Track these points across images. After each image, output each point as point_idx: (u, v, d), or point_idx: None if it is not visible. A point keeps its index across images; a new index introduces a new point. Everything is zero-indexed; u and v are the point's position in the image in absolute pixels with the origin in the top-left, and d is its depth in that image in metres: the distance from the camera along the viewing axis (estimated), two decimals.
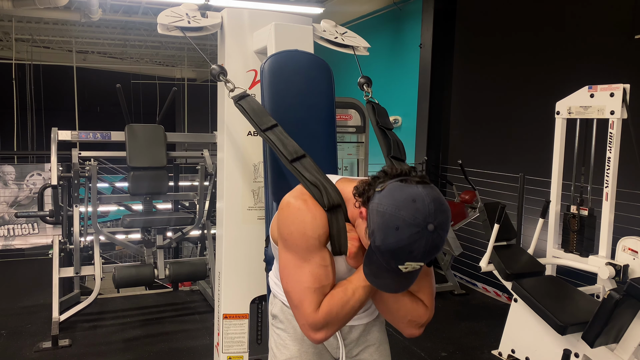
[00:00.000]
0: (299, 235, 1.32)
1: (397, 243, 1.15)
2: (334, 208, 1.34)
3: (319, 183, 1.39)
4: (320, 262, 1.32)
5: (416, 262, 1.18)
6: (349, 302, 1.32)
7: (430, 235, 1.14)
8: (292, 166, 1.52)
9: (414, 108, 5.95)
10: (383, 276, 1.24)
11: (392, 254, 1.17)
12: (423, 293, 1.40)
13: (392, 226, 1.15)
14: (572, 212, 3.33)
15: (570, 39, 4.34)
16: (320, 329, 1.31)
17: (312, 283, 1.31)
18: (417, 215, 1.14)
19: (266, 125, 1.66)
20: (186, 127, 13.09)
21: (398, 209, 1.15)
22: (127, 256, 8.21)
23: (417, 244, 1.14)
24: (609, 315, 2.53)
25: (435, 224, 1.14)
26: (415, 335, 1.41)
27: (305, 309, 1.31)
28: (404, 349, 3.60)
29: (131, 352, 3.48)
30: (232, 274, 2.34)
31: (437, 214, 1.15)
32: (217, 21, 2.23)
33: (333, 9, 6.73)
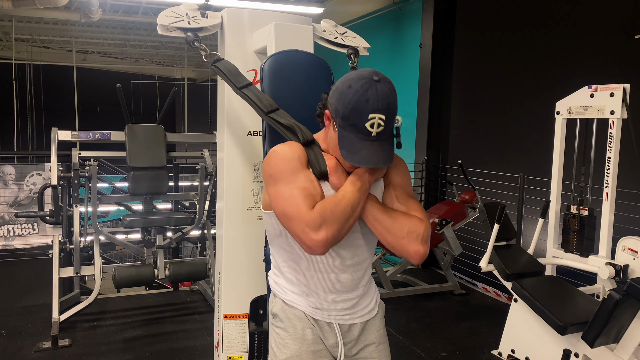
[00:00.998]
0: (281, 161, 1.43)
1: (353, 97, 1.34)
2: (309, 143, 1.50)
3: (293, 125, 1.56)
4: (306, 178, 1.42)
5: (376, 112, 1.33)
6: (341, 201, 1.37)
7: (378, 84, 1.35)
8: (268, 117, 1.66)
9: (414, 108, 5.95)
10: (358, 149, 1.36)
11: (353, 111, 1.34)
12: (413, 210, 1.47)
13: (345, 87, 1.36)
14: (572, 212, 3.33)
15: (570, 39, 4.34)
16: (318, 227, 1.33)
17: (303, 192, 1.39)
18: (362, 72, 1.38)
19: (242, 84, 1.80)
20: (186, 127, 13.09)
21: (346, 77, 1.40)
22: (127, 256, 8.22)
23: (369, 92, 1.33)
24: (609, 315, 2.53)
25: (379, 77, 1.37)
26: (421, 251, 1.42)
27: (300, 211, 1.35)
28: (404, 349, 3.60)
29: (131, 352, 3.49)
30: (232, 274, 2.34)
31: (378, 73, 1.39)
32: (217, 21, 2.23)
33: (333, 9, 6.73)
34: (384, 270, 4.59)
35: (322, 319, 1.55)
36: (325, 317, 1.55)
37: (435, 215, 4.53)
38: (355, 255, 1.52)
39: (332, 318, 1.55)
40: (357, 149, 1.36)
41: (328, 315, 1.55)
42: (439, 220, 4.43)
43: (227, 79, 1.85)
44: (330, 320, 1.55)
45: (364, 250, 1.54)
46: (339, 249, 1.48)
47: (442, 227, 4.42)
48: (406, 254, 1.44)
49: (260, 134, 2.26)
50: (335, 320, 1.55)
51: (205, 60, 1.98)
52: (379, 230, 1.44)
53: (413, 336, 3.80)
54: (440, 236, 4.51)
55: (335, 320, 1.55)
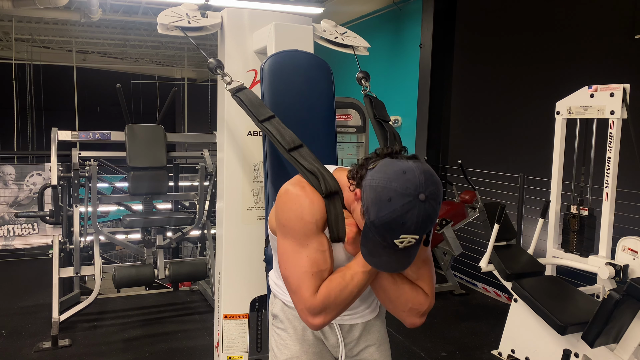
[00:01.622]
0: (297, 220, 1.33)
1: (390, 215, 1.17)
2: (331, 195, 1.36)
3: (316, 171, 1.41)
4: (318, 247, 1.33)
5: (410, 234, 1.19)
6: (348, 286, 1.32)
7: (422, 205, 1.16)
8: (289, 155, 1.53)
9: (414, 108, 5.94)
10: (380, 254, 1.25)
11: (386, 227, 1.19)
12: (423, 281, 1.41)
13: (385, 198, 1.18)
14: (572, 212, 3.33)
15: (571, 39, 4.34)
16: (318, 313, 1.31)
17: (310, 267, 1.32)
18: (409, 186, 1.17)
19: (264, 117, 1.68)
20: (186, 127, 13.09)
21: (389, 181, 1.19)
22: (127, 256, 8.21)
23: (409, 214, 1.16)
24: (609, 315, 2.53)
25: (426, 194, 1.17)
26: (416, 324, 1.42)
27: (303, 292, 1.32)
28: (404, 349, 3.60)
29: (131, 352, 3.48)
30: (232, 274, 2.34)
31: (428, 184, 1.18)
32: (217, 21, 2.23)
33: (333, 9, 6.73)
34: None
35: None
36: None
37: None
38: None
39: None
40: (378, 253, 1.25)
41: None
42: (439, 220, 4.43)
43: (248, 110, 1.73)
44: None
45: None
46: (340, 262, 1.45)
47: (442, 227, 4.42)
48: (402, 321, 1.43)
49: (260, 134, 2.26)
50: (335, 321, 1.54)
51: (226, 90, 1.88)
52: (381, 297, 1.42)
53: (413, 336, 3.80)
54: (440, 236, 4.51)
55: (336, 321, 1.54)
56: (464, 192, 4.78)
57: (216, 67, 1.94)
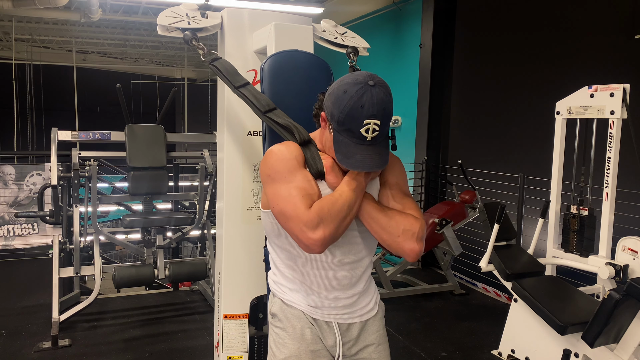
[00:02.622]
0: (278, 161, 1.44)
1: (348, 102, 1.34)
2: (305, 143, 1.51)
3: (290, 124, 1.57)
4: (303, 178, 1.43)
5: (371, 118, 1.33)
6: (337, 200, 1.39)
7: (373, 89, 1.34)
8: (265, 116, 1.66)
9: (414, 108, 5.94)
10: (353, 153, 1.37)
11: (349, 117, 1.34)
12: (409, 209, 1.49)
13: (341, 92, 1.36)
14: (572, 212, 3.33)
15: (570, 39, 4.34)
16: (316, 225, 1.35)
17: (300, 192, 1.40)
18: (357, 77, 1.37)
19: (239, 83, 1.81)
20: (186, 127, 13.09)
21: (342, 81, 1.39)
22: (127, 256, 8.22)
23: (364, 97, 1.33)
24: (609, 315, 2.53)
25: (375, 81, 1.35)
26: (415, 249, 1.44)
27: (297, 210, 1.37)
28: (403, 349, 3.60)
29: (131, 352, 3.49)
30: (232, 274, 2.34)
31: (374, 76, 1.38)
32: (217, 21, 2.23)
33: (333, 9, 6.73)
34: (384, 270, 4.59)
35: (321, 318, 1.55)
36: (324, 316, 1.55)
37: (435, 215, 4.53)
38: (352, 253, 1.52)
39: (331, 317, 1.55)
40: (352, 153, 1.37)
41: (327, 314, 1.55)
42: (439, 220, 4.43)
43: (224, 78, 1.86)
44: (329, 319, 1.55)
45: (361, 248, 1.54)
46: (336, 247, 1.49)
47: (442, 227, 4.42)
48: (402, 252, 1.45)
49: (260, 134, 2.26)
50: (334, 319, 1.55)
51: (202, 59, 1.99)
52: (374, 228, 1.46)
53: (413, 336, 3.80)
54: (440, 236, 4.51)
55: (334, 319, 1.55)
56: (464, 192, 4.78)
57: (191, 39, 2.08)
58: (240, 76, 1.85)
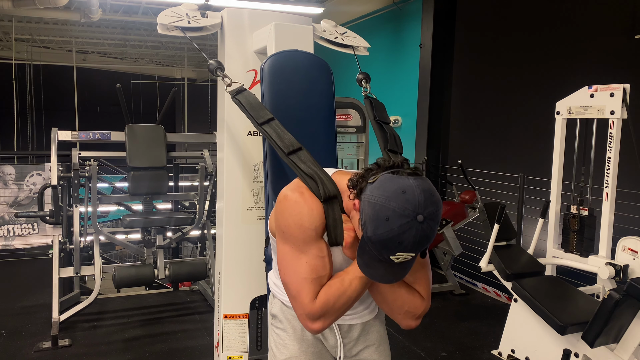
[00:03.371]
0: (296, 227, 1.34)
1: (387, 234, 1.17)
2: (330, 199, 1.36)
3: (315, 175, 1.41)
4: (317, 253, 1.34)
5: (407, 252, 1.19)
6: (346, 292, 1.33)
7: (420, 225, 1.16)
8: (288, 159, 1.53)
9: (414, 108, 5.94)
10: (376, 266, 1.26)
11: (382, 244, 1.19)
12: (419, 284, 1.42)
13: (383, 217, 1.17)
14: (572, 212, 3.33)
15: (571, 39, 4.34)
16: (317, 318, 1.33)
17: (310, 274, 1.33)
18: (407, 206, 1.16)
19: (263, 119, 1.68)
20: (186, 127, 13.08)
21: (388, 200, 1.17)
22: (127, 256, 8.21)
23: (406, 234, 1.16)
24: (609, 315, 2.53)
25: (424, 215, 1.16)
26: (412, 326, 1.43)
27: (302, 298, 1.33)
28: (403, 349, 3.60)
29: (131, 352, 3.48)
30: (232, 274, 2.34)
31: (427, 204, 1.17)
32: (217, 21, 2.23)
33: (333, 9, 6.73)
34: None
35: None
36: None
37: None
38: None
39: None
40: (375, 266, 1.26)
41: None
42: None
43: (247, 113, 1.73)
44: None
45: None
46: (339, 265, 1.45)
47: (442, 227, 4.42)
48: (397, 323, 1.44)
49: (260, 134, 2.26)
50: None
51: (226, 92, 1.89)
52: (378, 299, 1.44)
53: (413, 336, 3.80)
54: (440, 236, 4.51)
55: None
56: (464, 192, 4.78)
57: (216, 69, 1.94)
58: (265, 111, 1.71)
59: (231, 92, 1.84)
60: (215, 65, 1.95)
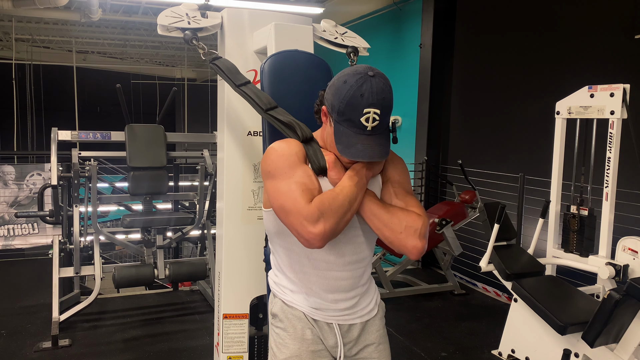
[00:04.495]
0: (279, 157, 1.45)
1: (348, 91, 1.36)
2: (308, 140, 1.50)
3: (292, 122, 1.56)
4: (303, 173, 1.42)
5: (370, 106, 1.35)
6: (338, 195, 1.38)
7: (373, 79, 1.37)
8: (267, 114, 1.65)
9: (414, 108, 5.94)
10: (353, 143, 1.38)
11: (348, 106, 1.36)
12: (411, 206, 1.48)
13: (341, 82, 1.38)
14: (572, 212, 3.33)
15: (571, 39, 4.34)
16: (316, 219, 1.34)
17: (301, 187, 1.39)
18: (357, 68, 1.40)
19: (241, 81, 1.81)
20: (186, 127, 13.09)
21: (342, 73, 1.41)
22: (127, 256, 8.22)
23: (364, 86, 1.35)
24: (609, 315, 2.53)
25: (374, 72, 1.39)
26: (418, 246, 1.42)
27: (298, 205, 1.36)
28: (403, 349, 3.60)
29: (131, 352, 3.49)
30: (232, 274, 2.34)
31: (373, 68, 1.41)
32: (217, 21, 2.23)
33: (333, 9, 6.73)
34: (384, 270, 4.59)
35: (321, 319, 1.55)
36: (325, 318, 1.55)
37: (435, 215, 4.53)
38: (356, 253, 1.52)
39: (331, 318, 1.55)
40: (352, 143, 1.38)
41: (328, 315, 1.55)
42: (439, 220, 4.43)
43: (225, 76, 1.86)
44: (329, 320, 1.55)
45: (364, 247, 1.54)
46: (339, 246, 1.48)
47: (442, 227, 4.42)
48: (404, 249, 1.44)
49: (260, 134, 2.26)
50: (334, 321, 1.55)
51: (203, 58, 1.99)
52: (377, 225, 1.45)
53: (413, 336, 3.80)
54: (440, 236, 4.51)
55: (335, 321, 1.55)
56: (464, 192, 4.78)
57: (191, 39, 2.08)
58: (241, 75, 1.85)
59: (208, 58, 1.96)
60: (190, 35, 2.08)
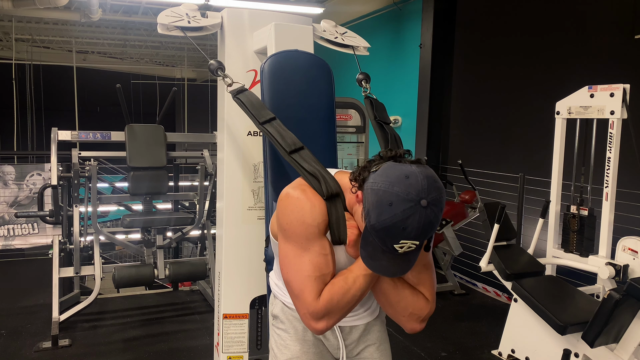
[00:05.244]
0: (298, 223, 1.32)
1: (390, 219, 1.16)
2: (332, 197, 1.35)
3: (317, 173, 1.40)
4: (320, 250, 1.32)
5: (410, 240, 1.18)
6: (350, 289, 1.31)
7: (424, 211, 1.15)
8: (290, 157, 1.53)
9: (414, 108, 5.94)
10: (379, 258, 1.24)
11: (386, 231, 1.18)
12: (423, 286, 1.40)
13: (386, 202, 1.16)
14: (572, 212, 3.33)
15: (570, 39, 4.34)
16: (321, 317, 1.31)
17: (313, 271, 1.31)
18: (410, 191, 1.15)
19: (265, 119, 1.67)
20: (186, 127, 13.09)
21: (391, 185, 1.17)
22: (127, 256, 8.21)
23: (410, 219, 1.15)
24: (609, 315, 2.53)
25: (428, 200, 1.15)
26: (416, 329, 1.41)
27: (306, 297, 1.31)
28: (404, 349, 3.60)
29: (131, 352, 3.49)
30: (232, 274, 2.34)
31: (431, 190, 1.17)
32: (217, 21, 2.23)
33: (333, 9, 6.73)
34: None
35: None
36: None
37: None
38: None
39: None
40: (378, 257, 1.25)
41: None
42: None
43: (249, 112, 1.73)
44: None
45: None
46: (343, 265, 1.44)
47: (442, 227, 4.42)
48: (402, 326, 1.42)
49: (260, 134, 2.26)
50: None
51: (227, 92, 1.90)
52: (382, 302, 1.41)
53: (413, 336, 3.80)
54: (440, 236, 4.51)
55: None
56: (464, 192, 4.78)
57: (217, 69, 1.94)
58: (266, 111, 1.71)
59: (232, 91, 1.84)
60: (216, 65, 1.94)
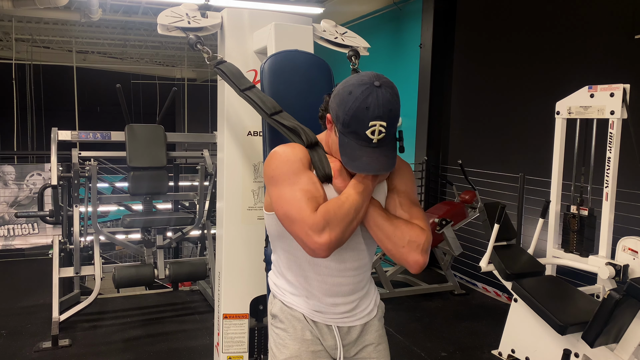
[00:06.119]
0: (282, 163, 1.42)
1: (353, 104, 1.31)
2: (312, 145, 1.47)
3: (297, 127, 1.53)
4: (308, 180, 1.40)
5: (377, 119, 1.30)
6: (344, 204, 1.36)
7: (379, 89, 1.31)
8: (271, 119, 1.63)
9: (414, 108, 5.95)
10: (359, 156, 1.35)
11: (354, 119, 1.31)
12: (416, 219, 1.45)
13: (346, 93, 1.33)
14: (572, 212, 3.33)
15: (571, 39, 4.34)
16: (322, 229, 1.32)
17: (306, 194, 1.37)
18: (363, 77, 1.34)
19: (245, 86, 1.79)
20: (186, 127, 13.09)
21: (347, 82, 1.36)
22: (127, 256, 8.22)
23: (370, 98, 1.30)
24: (609, 315, 2.53)
25: (380, 82, 1.32)
26: (419, 262, 1.41)
27: (303, 215, 1.34)
28: (403, 349, 3.60)
29: (131, 352, 3.49)
30: (232, 274, 2.34)
31: (380, 76, 1.35)
32: (217, 21, 2.23)
33: (333, 9, 6.73)
34: (384, 270, 4.59)
35: (321, 321, 1.54)
36: (324, 320, 1.54)
37: (435, 215, 4.53)
38: (357, 259, 1.51)
39: (331, 321, 1.55)
40: (357, 155, 1.34)
41: (327, 318, 1.54)
42: (439, 220, 4.43)
43: (230, 81, 1.84)
44: (329, 322, 1.55)
45: (365, 254, 1.53)
46: (341, 253, 1.47)
47: (442, 227, 4.42)
48: (405, 263, 1.42)
49: (260, 134, 2.27)
50: (334, 323, 1.55)
51: (207, 62, 1.98)
52: (379, 236, 1.43)
53: (413, 336, 3.80)
54: (440, 236, 4.51)
55: (334, 323, 1.55)
56: (464, 192, 4.78)
57: (196, 43, 2.06)
58: (246, 79, 1.83)
59: (212, 62, 1.94)
60: (195, 39, 2.06)
